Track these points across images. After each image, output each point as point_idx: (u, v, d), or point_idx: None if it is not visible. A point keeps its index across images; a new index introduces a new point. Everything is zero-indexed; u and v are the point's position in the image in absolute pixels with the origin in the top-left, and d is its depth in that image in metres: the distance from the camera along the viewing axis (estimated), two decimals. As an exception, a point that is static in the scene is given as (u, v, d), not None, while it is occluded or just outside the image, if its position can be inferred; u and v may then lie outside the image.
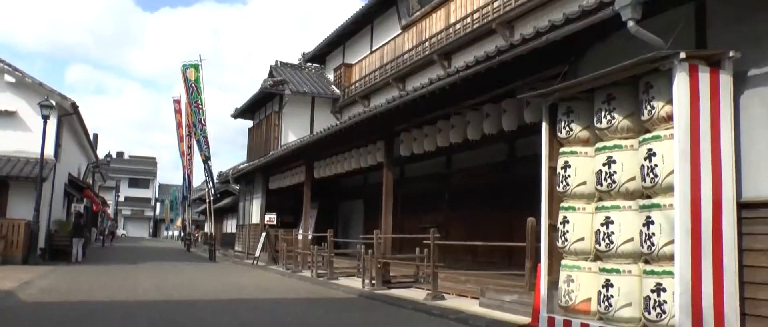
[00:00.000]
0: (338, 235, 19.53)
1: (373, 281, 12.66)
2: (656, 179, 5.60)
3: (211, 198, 28.18)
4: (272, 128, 24.55)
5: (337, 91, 24.70)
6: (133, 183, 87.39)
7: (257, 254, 21.96)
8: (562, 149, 6.90)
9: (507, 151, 13.80)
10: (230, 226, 34.10)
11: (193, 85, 25.54)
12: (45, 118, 18.56)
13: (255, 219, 25.12)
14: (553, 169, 7.00)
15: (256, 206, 25.35)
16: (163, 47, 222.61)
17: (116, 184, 67.49)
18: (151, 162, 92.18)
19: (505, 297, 9.08)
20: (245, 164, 27.09)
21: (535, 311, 7.24)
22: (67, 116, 21.49)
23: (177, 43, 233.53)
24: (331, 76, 26.08)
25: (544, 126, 7.13)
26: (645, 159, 5.74)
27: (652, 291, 5.56)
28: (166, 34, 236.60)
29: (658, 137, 5.66)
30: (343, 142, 15.83)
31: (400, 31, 20.07)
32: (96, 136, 37.44)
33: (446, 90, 9.56)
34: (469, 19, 15.84)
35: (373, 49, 22.09)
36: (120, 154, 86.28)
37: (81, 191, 27.55)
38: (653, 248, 5.57)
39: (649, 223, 5.64)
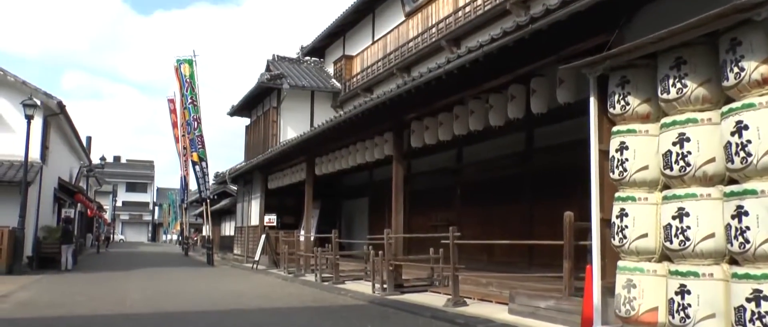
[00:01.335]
0: (342, 236, 18.42)
1: (385, 285, 11.56)
2: (749, 159, 4.47)
3: (209, 200, 27.02)
4: (270, 125, 23.40)
5: (338, 84, 23.57)
6: (131, 187, 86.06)
7: (257, 257, 20.82)
8: (615, 128, 5.74)
9: (525, 140, 12.70)
10: (229, 228, 32.95)
11: (188, 80, 24.40)
12: (29, 118, 17.50)
13: (254, 220, 23.98)
14: (604, 153, 5.87)
15: (254, 207, 24.21)
16: (159, 51, 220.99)
17: (113, 189, 66.29)
18: (149, 166, 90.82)
19: (539, 303, 7.95)
20: (243, 163, 25.96)
21: (585, 321, 6.11)
22: (54, 116, 20.39)
23: (172, 46, 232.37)
24: (331, 70, 24.95)
25: (592, 102, 5.97)
26: (732, 134, 4.61)
27: (748, 300, 4.43)
28: (162, 38, 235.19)
29: (750, 106, 4.51)
30: (347, 135, 14.69)
31: (403, 18, 18.97)
32: (89, 138, 36.16)
33: (467, 69, 8.39)
34: (479, 1, 14.74)
35: (375, 38, 20.98)
36: (117, 158, 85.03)
37: (72, 196, 26.41)
38: (748, 246, 4.44)
39: (740, 214, 4.51)
